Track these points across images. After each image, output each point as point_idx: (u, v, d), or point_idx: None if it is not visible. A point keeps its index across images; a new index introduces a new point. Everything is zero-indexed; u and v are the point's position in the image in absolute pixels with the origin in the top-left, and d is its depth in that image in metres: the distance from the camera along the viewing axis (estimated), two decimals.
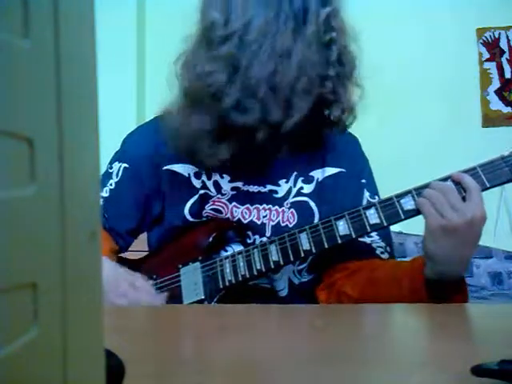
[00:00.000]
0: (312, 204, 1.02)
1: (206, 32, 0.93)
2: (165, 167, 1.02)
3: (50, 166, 0.21)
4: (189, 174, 1.01)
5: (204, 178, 1.01)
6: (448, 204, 0.84)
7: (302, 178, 1.03)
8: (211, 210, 1.00)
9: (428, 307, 0.80)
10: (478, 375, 0.38)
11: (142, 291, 0.91)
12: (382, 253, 1.02)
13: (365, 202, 1.04)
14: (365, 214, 0.91)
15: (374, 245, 1.02)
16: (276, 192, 1.02)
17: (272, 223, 1.00)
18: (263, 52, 0.90)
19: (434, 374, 0.44)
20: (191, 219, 1.00)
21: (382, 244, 1.03)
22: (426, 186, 0.89)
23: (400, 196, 0.90)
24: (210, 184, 1.01)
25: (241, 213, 1.00)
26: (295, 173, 1.03)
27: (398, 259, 1.07)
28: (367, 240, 1.01)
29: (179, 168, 1.02)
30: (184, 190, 1.00)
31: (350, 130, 1.11)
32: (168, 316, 0.77)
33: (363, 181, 1.08)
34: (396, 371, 0.45)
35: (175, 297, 0.96)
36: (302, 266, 1.02)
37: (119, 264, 0.96)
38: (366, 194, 1.06)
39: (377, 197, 1.07)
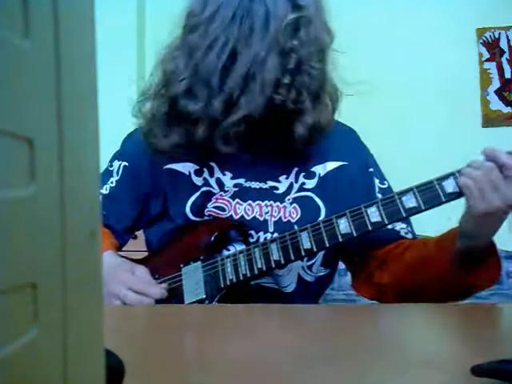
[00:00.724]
0: (317, 199, 1.03)
1: (183, 19, 0.96)
2: (165, 166, 1.03)
3: (50, 166, 0.21)
4: (189, 172, 1.02)
5: (206, 175, 1.01)
6: (491, 185, 0.84)
7: (303, 174, 1.03)
8: (214, 207, 1.00)
9: (428, 307, 0.80)
10: (478, 375, 0.38)
11: (140, 278, 0.92)
12: (406, 233, 1.03)
13: (377, 190, 1.05)
14: (366, 212, 0.90)
15: (397, 227, 1.03)
16: (277, 188, 1.02)
17: (274, 219, 1.01)
18: (218, 45, 0.91)
19: (434, 373, 0.44)
20: (193, 217, 1.00)
21: (404, 225, 1.03)
22: (428, 183, 0.89)
23: (401, 194, 0.90)
24: (212, 181, 1.01)
25: (244, 209, 1.00)
26: (296, 169, 1.03)
27: None
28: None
29: (179, 166, 1.02)
30: (185, 188, 1.01)
31: (349, 126, 1.12)
32: (168, 316, 0.77)
33: (371, 169, 1.08)
34: (396, 371, 0.45)
35: (176, 296, 0.96)
36: (311, 262, 1.02)
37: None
38: (376, 182, 1.07)
39: (386, 182, 1.08)
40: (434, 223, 1.10)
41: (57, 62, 0.21)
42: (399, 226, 1.02)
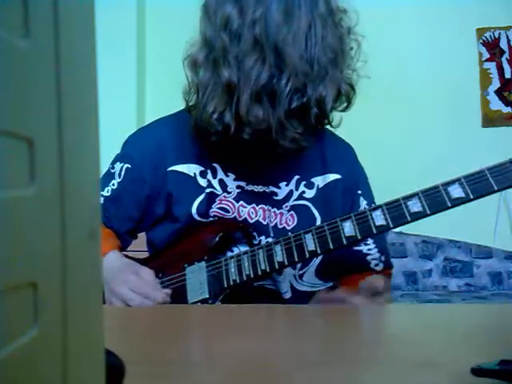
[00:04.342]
0: (313, 209, 1.03)
1: (223, 27, 0.93)
2: (169, 168, 1.02)
3: (50, 166, 0.21)
4: (194, 174, 1.01)
5: (209, 176, 1.01)
6: None
7: (304, 183, 1.03)
8: (218, 208, 1.00)
9: (428, 307, 0.80)
10: (478, 375, 0.38)
11: (145, 281, 0.92)
12: (376, 265, 1.05)
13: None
14: (371, 215, 0.90)
15: (368, 257, 1.04)
16: (276, 194, 1.02)
17: (271, 224, 1.01)
18: (291, 33, 0.91)
19: (434, 374, 0.44)
20: (198, 218, 1.00)
21: (377, 255, 1.05)
22: (433, 188, 0.89)
23: (407, 198, 0.90)
24: (215, 182, 1.01)
25: (247, 212, 1.00)
26: (297, 176, 1.03)
27: (398, 259, 1.09)
28: (364, 249, 1.03)
29: (184, 168, 1.02)
30: (191, 190, 1.01)
31: (350, 129, 1.12)
32: (170, 316, 0.77)
33: (359, 192, 1.09)
34: (396, 371, 0.45)
35: (180, 296, 0.96)
36: (302, 271, 1.02)
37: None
38: (363, 203, 1.08)
39: (374, 204, 1.08)
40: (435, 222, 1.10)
41: (57, 62, 0.21)
42: (372, 257, 1.04)
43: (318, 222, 1.01)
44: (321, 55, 0.92)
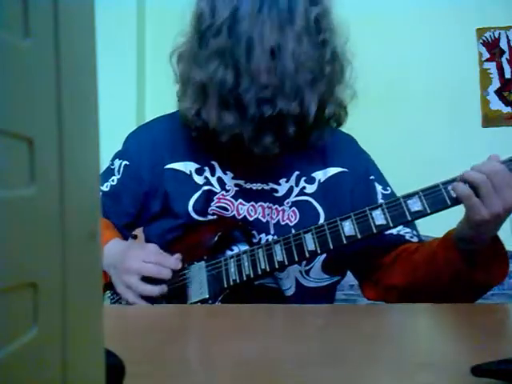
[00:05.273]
0: (316, 204, 1.02)
1: (196, 24, 0.96)
2: (166, 166, 1.03)
3: (50, 166, 0.21)
4: (190, 171, 1.02)
5: (207, 174, 1.02)
6: (493, 190, 0.82)
7: (304, 178, 1.03)
8: (217, 207, 1.00)
9: (428, 307, 0.80)
10: (478, 375, 0.38)
11: (153, 252, 0.94)
12: (411, 237, 1.02)
13: (380, 196, 1.05)
14: (371, 214, 0.90)
15: (401, 232, 1.02)
16: (276, 191, 1.02)
17: (273, 221, 1.01)
18: (256, 44, 0.91)
19: (434, 374, 0.44)
20: (196, 216, 1.00)
21: (409, 229, 1.03)
22: (433, 187, 0.89)
23: (407, 197, 0.90)
24: (213, 180, 1.01)
25: (246, 210, 1.00)
26: (297, 172, 1.03)
27: None
28: (393, 231, 1.01)
29: (180, 166, 1.03)
30: (186, 187, 1.01)
31: (349, 129, 1.12)
32: (169, 316, 0.77)
33: (372, 177, 1.08)
34: (396, 371, 0.45)
35: (180, 295, 0.96)
36: (309, 267, 1.02)
37: None
38: (379, 188, 1.06)
39: (389, 188, 1.08)
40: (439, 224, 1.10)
41: (57, 62, 0.21)
42: (403, 231, 1.02)
43: (322, 217, 1.01)
44: (291, 71, 0.91)
